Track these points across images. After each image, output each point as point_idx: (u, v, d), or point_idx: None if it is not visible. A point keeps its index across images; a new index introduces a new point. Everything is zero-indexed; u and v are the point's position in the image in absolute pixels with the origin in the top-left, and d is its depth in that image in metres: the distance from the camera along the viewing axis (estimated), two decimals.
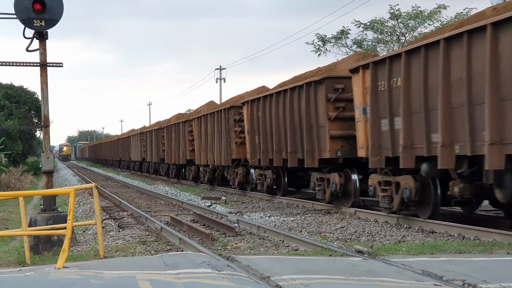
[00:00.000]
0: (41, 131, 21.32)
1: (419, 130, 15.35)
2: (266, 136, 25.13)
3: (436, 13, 44.66)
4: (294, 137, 22.53)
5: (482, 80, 13.07)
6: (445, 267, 9.87)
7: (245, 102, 27.25)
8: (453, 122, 14.16)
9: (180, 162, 41.43)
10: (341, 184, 20.10)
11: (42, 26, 14.77)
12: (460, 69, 13.79)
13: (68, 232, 10.50)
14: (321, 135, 20.56)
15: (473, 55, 13.39)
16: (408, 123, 15.78)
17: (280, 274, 9.45)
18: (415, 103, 15.54)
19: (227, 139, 30.36)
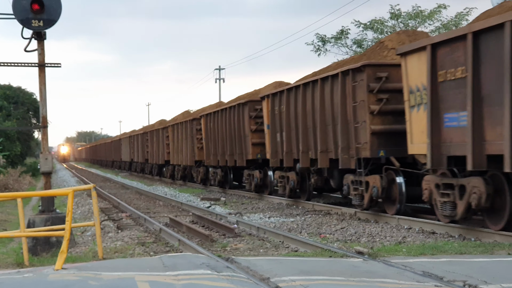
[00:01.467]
0: (40, 132, 21.27)
1: (293, 142, 22.73)
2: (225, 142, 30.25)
3: (437, 13, 44.61)
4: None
5: (317, 112, 20.59)
6: (446, 268, 9.84)
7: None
8: (307, 137, 21.62)
9: (160, 162, 48.51)
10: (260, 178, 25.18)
11: (40, 27, 14.73)
12: (309, 104, 21.24)
13: (67, 233, 10.45)
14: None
15: (314, 96, 20.88)
16: (288, 136, 23.12)
17: (280, 275, 9.41)
18: (291, 124, 22.85)
19: (192, 144, 37.08)
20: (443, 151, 14.45)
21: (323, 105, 20.18)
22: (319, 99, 20.35)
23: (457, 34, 13.84)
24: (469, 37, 13.19)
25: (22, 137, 62.54)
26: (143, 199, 30.55)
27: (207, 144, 33.33)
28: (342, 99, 18.76)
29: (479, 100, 13.14)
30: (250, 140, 27.21)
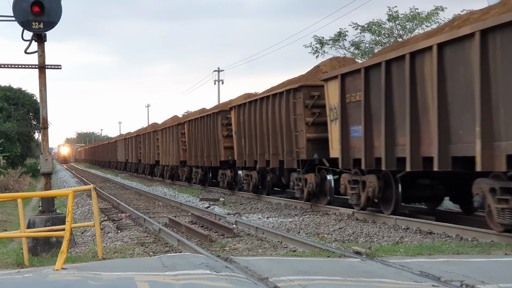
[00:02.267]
0: (40, 133, 21.27)
1: (253, 146, 26.59)
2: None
3: (434, 15, 44.68)
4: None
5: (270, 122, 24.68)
6: (443, 268, 9.89)
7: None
8: (263, 142, 25.59)
9: (151, 163, 53.02)
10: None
11: (41, 29, 14.79)
12: (264, 115, 25.28)
13: (67, 233, 10.51)
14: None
15: (268, 109, 24.86)
16: (249, 141, 26.94)
17: (278, 275, 9.46)
18: (252, 131, 26.64)
19: (177, 146, 41.43)
20: (350, 155, 18.84)
21: (273, 116, 24.43)
22: (270, 111, 24.61)
23: (355, 68, 18.39)
24: (362, 71, 17.65)
25: (23, 138, 62.57)
26: (142, 200, 30.59)
27: (190, 146, 37.84)
28: (286, 112, 23.05)
29: (369, 117, 17.56)
30: (222, 144, 31.43)
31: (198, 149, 35.74)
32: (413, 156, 15.41)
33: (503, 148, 12.64)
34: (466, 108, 13.59)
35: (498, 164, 12.78)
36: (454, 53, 13.93)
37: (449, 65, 14.12)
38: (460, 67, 13.76)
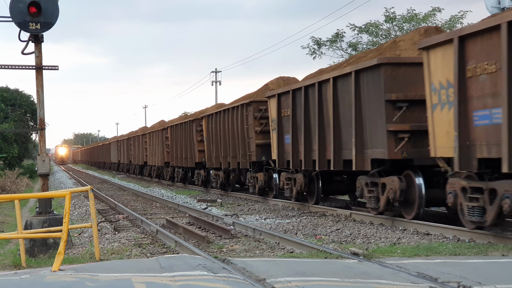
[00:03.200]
0: (37, 134, 21.28)
1: (219, 149, 30.98)
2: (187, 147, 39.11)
3: (431, 16, 44.69)
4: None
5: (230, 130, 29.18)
6: (440, 269, 9.91)
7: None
8: (225, 147, 29.76)
9: (140, 163, 57.34)
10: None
11: (38, 29, 14.78)
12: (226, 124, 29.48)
13: (64, 234, 10.51)
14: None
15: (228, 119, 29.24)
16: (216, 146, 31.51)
17: (275, 276, 9.47)
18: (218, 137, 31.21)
19: (162, 149, 45.63)
20: (285, 158, 23.18)
21: (233, 125, 28.82)
22: (230, 121, 29.06)
23: (286, 89, 22.85)
24: (290, 92, 22.19)
25: (20, 139, 62.48)
26: (140, 201, 30.58)
27: (172, 149, 42.23)
28: (241, 122, 27.75)
29: (295, 128, 22.09)
30: (197, 148, 35.82)
31: (179, 152, 40.19)
32: (320, 159, 20.08)
33: (369, 154, 17.39)
34: (349, 125, 18.18)
35: (366, 165, 17.52)
36: (342, 85, 18.64)
37: (340, 93, 18.84)
38: (346, 96, 18.44)
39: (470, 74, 13.10)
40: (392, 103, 16.32)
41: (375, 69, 16.69)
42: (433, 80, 14.39)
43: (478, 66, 12.86)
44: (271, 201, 25.57)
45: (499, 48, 12.11)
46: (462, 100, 13.25)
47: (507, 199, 12.19)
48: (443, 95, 14.05)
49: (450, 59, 13.57)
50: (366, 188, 17.82)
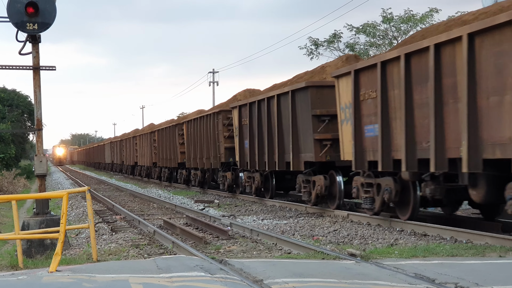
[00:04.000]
0: (34, 135, 21.28)
1: (196, 151, 34.86)
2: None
3: (428, 17, 44.77)
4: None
5: (204, 135, 33.35)
6: (438, 270, 9.90)
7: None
8: (201, 149, 34.09)
9: (131, 164, 61.35)
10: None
11: (35, 30, 14.77)
12: (201, 129, 33.61)
13: (61, 235, 10.49)
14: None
15: (203, 125, 33.05)
16: (194, 148, 35.65)
17: (273, 277, 9.47)
18: (195, 141, 35.36)
19: (150, 151, 49.89)
20: (244, 159, 27.03)
21: (207, 131, 32.89)
22: (205, 127, 33.23)
23: (244, 102, 26.85)
24: (248, 105, 26.10)
25: (17, 139, 62.41)
26: (137, 202, 30.56)
27: (158, 151, 46.41)
28: (213, 128, 31.81)
29: (252, 135, 25.93)
30: (179, 150, 39.62)
31: (164, 153, 44.30)
32: (270, 161, 24.22)
33: (302, 157, 21.45)
34: (288, 134, 22.21)
35: (301, 166, 21.67)
36: (284, 101, 22.67)
37: (282, 108, 22.85)
38: (286, 110, 22.40)
39: (362, 98, 17.52)
40: (317, 117, 20.53)
41: (305, 90, 20.87)
42: (341, 101, 18.89)
43: (366, 92, 17.29)
44: (240, 196, 29.35)
45: (377, 80, 16.50)
46: (357, 117, 17.69)
47: (386, 192, 16.59)
48: (347, 113, 18.48)
49: (349, 86, 18.02)
50: (303, 184, 21.96)
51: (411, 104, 15.31)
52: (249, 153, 26.22)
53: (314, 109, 20.48)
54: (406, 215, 16.58)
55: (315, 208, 21.28)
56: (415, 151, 15.27)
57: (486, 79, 12.72)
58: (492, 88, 12.61)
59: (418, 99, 15.05)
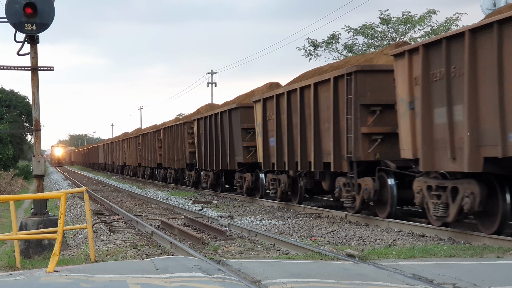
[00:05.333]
0: (32, 135, 21.17)
1: (170, 154, 41.68)
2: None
3: (426, 18, 44.81)
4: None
5: (176, 140, 40.39)
6: (436, 271, 9.91)
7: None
8: (173, 152, 40.34)
9: (121, 164, 67.86)
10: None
11: (33, 30, 14.75)
12: (174, 136, 40.27)
13: (59, 236, 10.49)
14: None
15: (174, 132, 40.23)
16: (169, 151, 42.06)
17: (271, 278, 9.47)
18: (169, 145, 42.36)
19: (135, 152, 56.13)
20: (201, 161, 33.71)
21: (177, 138, 39.70)
22: (175, 135, 40.14)
23: (199, 116, 33.81)
24: (203, 118, 32.59)
25: (15, 140, 62.41)
26: (135, 202, 30.56)
27: (142, 152, 52.91)
28: (181, 136, 38.68)
29: (204, 143, 32.75)
30: (158, 152, 45.75)
31: (147, 155, 50.58)
32: (216, 163, 31.10)
33: (236, 159, 28.47)
34: (227, 142, 29.10)
35: (235, 166, 28.78)
36: (223, 117, 29.86)
37: (223, 122, 29.70)
38: (226, 124, 29.38)
39: (268, 118, 24.46)
40: (245, 129, 27.60)
41: (236, 109, 28.32)
42: (257, 120, 25.49)
43: (270, 115, 24.22)
44: (204, 191, 35.11)
45: (273, 107, 23.53)
46: (264, 132, 24.69)
47: (283, 184, 23.56)
48: (260, 128, 25.04)
49: (260, 109, 24.96)
50: (237, 180, 29.16)
51: (291, 125, 22.32)
52: (203, 157, 33.38)
53: (243, 123, 27.65)
54: (295, 201, 23.56)
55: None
56: (293, 157, 22.24)
57: (323, 112, 19.82)
58: (324, 118, 19.77)
59: (294, 121, 21.97)
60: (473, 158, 13.14)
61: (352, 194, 18.32)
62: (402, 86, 15.66)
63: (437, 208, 14.60)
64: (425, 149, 14.68)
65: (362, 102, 17.51)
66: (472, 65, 13.19)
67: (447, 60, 13.89)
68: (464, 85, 13.35)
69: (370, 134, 17.57)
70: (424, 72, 14.60)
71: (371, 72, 17.68)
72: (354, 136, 17.70)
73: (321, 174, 20.84)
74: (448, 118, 13.87)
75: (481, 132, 13.07)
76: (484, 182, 13.56)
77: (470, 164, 13.16)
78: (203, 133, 33.12)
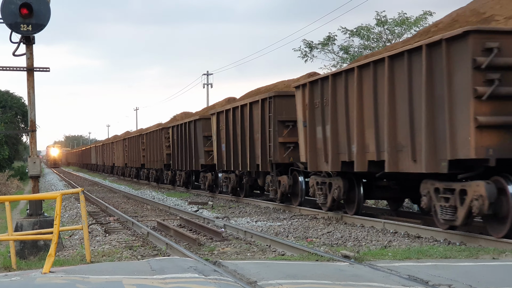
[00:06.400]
0: (28, 136, 21.15)
1: (152, 156, 47.56)
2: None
3: (422, 20, 44.76)
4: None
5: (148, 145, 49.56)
6: (431, 272, 9.92)
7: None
8: (153, 155, 47.48)
9: (110, 164, 73.92)
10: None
11: (29, 31, 14.73)
12: (146, 142, 49.81)
13: (55, 237, 10.47)
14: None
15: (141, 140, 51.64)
16: (150, 154, 47.99)
17: (266, 279, 9.46)
18: (150, 147, 48.06)
19: (122, 153, 62.20)
20: (175, 163, 38.57)
21: (156, 142, 45.09)
22: (155, 139, 45.53)
23: (178, 123, 38.03)
24: (177, 126, 38.07)
25: (10, 141, 62.36)
26: (130, 203, 30.54)
27: (129, 154, 58.05)
28: (159, 140, 44.04)
29: (179, 147, 38.06)
30: (141, 154, 50.89)
31: (132, 156, 55.89)
32: (185, 164, 36.40)
33: (200, 161, 33.36)
34: (193, 148, 34.53)
35: (199, 167, 34.22)
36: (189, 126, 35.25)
37: (189, 131, 34.89)
38: (192, 132, 34.58)
39: (220, 128, 29.36)
40: (206, 137, 32.76)
41: (199, 120, 33.74)
42: (213, 129, 30.54)
43: (222, 126, 29.31)
44: (178, 188, 40.19)
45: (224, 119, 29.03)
46: (218, 139, 29.73)
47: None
48: (215, 135, 30.28)
49: (215, 121, 30.22)
50: (201, 179, 34.73)
51: (236, 134, 27.40)
52: (176, 159, 38.88)
53: (203, 132, 32.98)
54: (242, 195, 28.87)
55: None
56: (238, 159, 27.08)
57: (255, 125, 25.31)
58: (256, 130, 25.21)
59: (238, 132, 27.10)
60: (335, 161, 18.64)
61: (274, 188, 24.06)
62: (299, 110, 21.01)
63: (320, 196, 20.23)
64: (311, 155, 20.06)
65: (279, 118, 23.19)
66: (333, 99, 18.57)
67: (321, 93, 19.34)
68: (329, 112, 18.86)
69: (285, 143, 23.14)
70: (310, 101, 20.00)
71: (286, 96, 23.21)
72: (273, 144, 23.32)
73: (256, 173, 26.48)
74: (323, 134, 19.27)
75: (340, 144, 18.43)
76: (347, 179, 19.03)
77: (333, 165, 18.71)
78: (176, 139, 38.68)
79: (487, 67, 12.77)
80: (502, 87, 12.82)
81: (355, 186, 19.12)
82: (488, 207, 13.00)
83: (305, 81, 20.54)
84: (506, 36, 13.03)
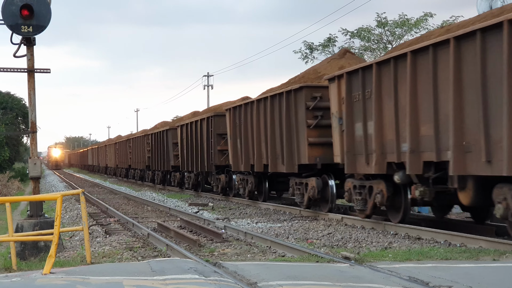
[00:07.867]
0: (28, 137, 21.22)
1: (140, 159, 53.79)
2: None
3: (423, 21, 44.83)
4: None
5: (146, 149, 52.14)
6: (432, 274, 9.91)
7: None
8: (142, 158, 52.57)
9: (104, 165, 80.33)
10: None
11: (30, 32, 14.73)
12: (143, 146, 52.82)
13: (55, 238, 10.48)
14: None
15: (129, 145, 59.10)
16: (137, 156, 55.28)
17: (267, 280, 9.46)
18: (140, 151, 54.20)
19: (114, 155, 69.58)
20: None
21: (141, 146, 50.75)
22: (146, 144, 48.96)
23: (161, 129, 43.51)
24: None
25: (11, 142, 62.34)
26: (131, 204, 30.54)
27: (119, 156, 64.35)
28: (142, 145, 50.37)
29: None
30: (128, 156, 57.20)
31: (121, 158, 62.45)
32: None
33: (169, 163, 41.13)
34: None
35: (176, 168, 40.64)
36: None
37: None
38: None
39: (182, 138, 35.29)
40: (175, 143, 40.00)
41: (175, 129, 39.57)
42: (178, 138, 35.84)
43: (183, 137, 35.64)
44: (169, 187, 43.06)
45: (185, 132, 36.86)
46: (182, 146, 35.31)
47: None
48: (184, 143, 35.20)
49: (178, 132, 37.24)
50: (187, 177, 38.06)
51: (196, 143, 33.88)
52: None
53: (173, 139, 39.74)
54: (199, 189, 36.01)
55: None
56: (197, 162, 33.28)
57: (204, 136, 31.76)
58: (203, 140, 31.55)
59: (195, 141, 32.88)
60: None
61: (217, 184, 31.64)
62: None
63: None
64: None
65: (217, 132, 30.92)
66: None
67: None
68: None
69: (222, 150, 30.63)
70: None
71: (221, 116, 30.50)
72: (213, 151, 31.12)
73: (208, 173, 33.61)
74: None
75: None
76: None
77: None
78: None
79: (313, 108, 20.82)
80: (323, 120, 20.67)
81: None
82: (317, 193, 20.82)
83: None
84: (325, 89, 20.43)
